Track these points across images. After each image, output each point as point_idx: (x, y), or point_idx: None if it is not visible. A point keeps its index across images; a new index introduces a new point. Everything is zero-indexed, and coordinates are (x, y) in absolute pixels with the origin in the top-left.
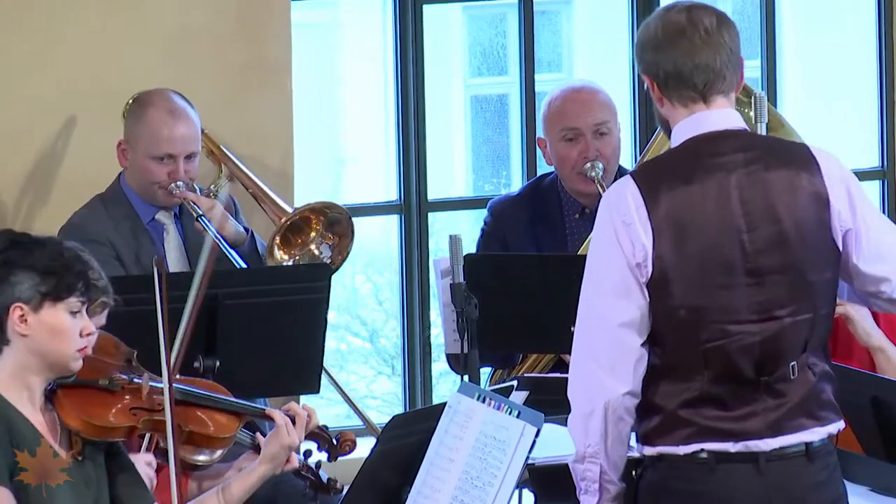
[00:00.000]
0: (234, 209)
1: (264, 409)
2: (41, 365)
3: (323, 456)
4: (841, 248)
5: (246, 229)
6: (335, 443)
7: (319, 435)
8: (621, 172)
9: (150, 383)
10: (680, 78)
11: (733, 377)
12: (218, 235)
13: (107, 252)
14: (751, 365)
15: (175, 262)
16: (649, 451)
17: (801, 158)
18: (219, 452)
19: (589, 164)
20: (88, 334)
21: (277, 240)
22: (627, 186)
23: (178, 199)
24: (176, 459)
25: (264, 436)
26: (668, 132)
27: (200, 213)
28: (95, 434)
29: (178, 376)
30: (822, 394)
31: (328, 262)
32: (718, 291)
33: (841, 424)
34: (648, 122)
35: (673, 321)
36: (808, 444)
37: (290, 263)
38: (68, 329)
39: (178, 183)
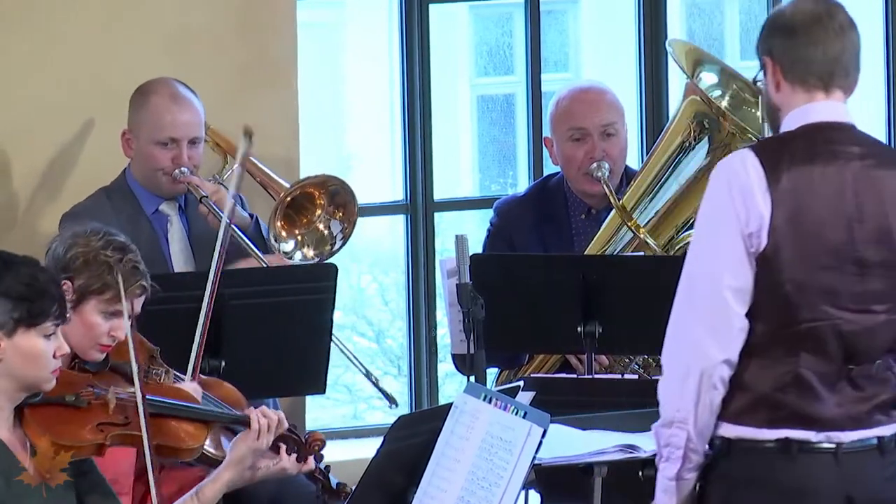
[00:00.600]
0: (241, 204)
1: (236, 415)
2: (14, 387)
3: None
4: None
5: (250, 215)
6: (304, 442)
7: (288, 437)
8: (627, 173)
9: (117, 394)
10: (808, 63)
11: (822, 362)
12: (223, 215)
13: None
14: (840, 352)
15: (178, 253)
16: (729, 430)
17: None
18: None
19: (595, 165)
20: (63, 355)
21: (279, 220)
22: (747, 158)
23: (183, 184)
24: (155, 468)
25: None
26: (773, 120)
27: (205, 194)
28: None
29: (201, 377)
30: None
31: (341, 236)
32: (825, 272)
33: None
34: (655, 123)
35: (778, 296)
36: (880, 438)
37: (292, 244)
38: (42, 353)
39: (183, 169)
